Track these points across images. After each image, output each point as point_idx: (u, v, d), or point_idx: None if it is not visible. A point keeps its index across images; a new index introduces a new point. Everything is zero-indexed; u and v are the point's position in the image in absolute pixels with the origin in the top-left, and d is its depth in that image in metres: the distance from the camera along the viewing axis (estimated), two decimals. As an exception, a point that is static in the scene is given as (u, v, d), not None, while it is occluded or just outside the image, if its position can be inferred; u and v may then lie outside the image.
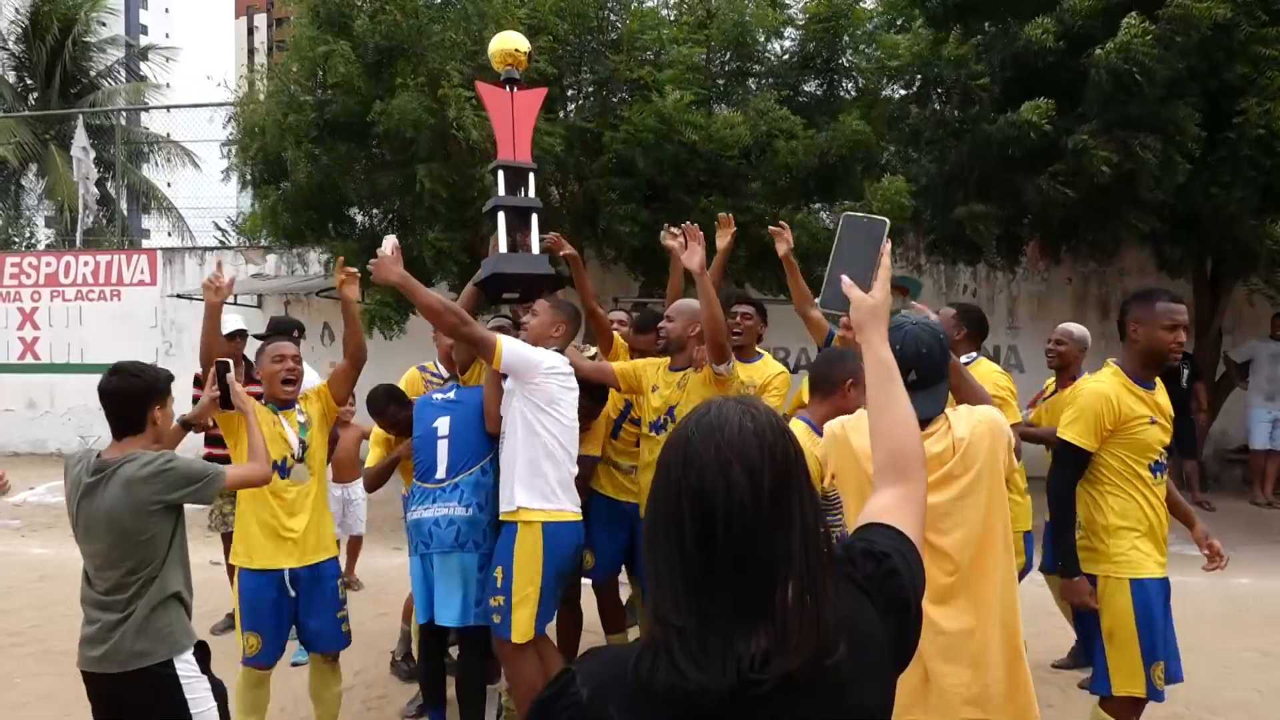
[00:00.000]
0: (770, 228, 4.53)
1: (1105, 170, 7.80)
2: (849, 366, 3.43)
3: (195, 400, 6.13)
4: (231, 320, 6.13)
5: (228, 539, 6.13)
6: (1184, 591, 2.60)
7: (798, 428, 3.36)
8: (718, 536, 1.15)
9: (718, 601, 1.14)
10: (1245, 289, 10.28)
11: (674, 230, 4.35)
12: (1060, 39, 8.07)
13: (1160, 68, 7.55)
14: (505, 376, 3.91)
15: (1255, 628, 5.67)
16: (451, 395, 4.29)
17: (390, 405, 4.65)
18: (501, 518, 3.90)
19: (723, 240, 4.60)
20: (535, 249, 4.34)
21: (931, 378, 2.61)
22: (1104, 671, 3.43)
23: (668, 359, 4.40)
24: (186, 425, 3.97)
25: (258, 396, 6.07)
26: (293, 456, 3.98)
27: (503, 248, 4.26)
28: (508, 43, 4.59)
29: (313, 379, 5.53)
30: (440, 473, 4.08)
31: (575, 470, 3.98)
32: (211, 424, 5.93)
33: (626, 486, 4.62)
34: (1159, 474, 3.51)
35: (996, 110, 8.37)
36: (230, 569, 6.13)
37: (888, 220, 1.70)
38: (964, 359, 4.64)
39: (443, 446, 4.10)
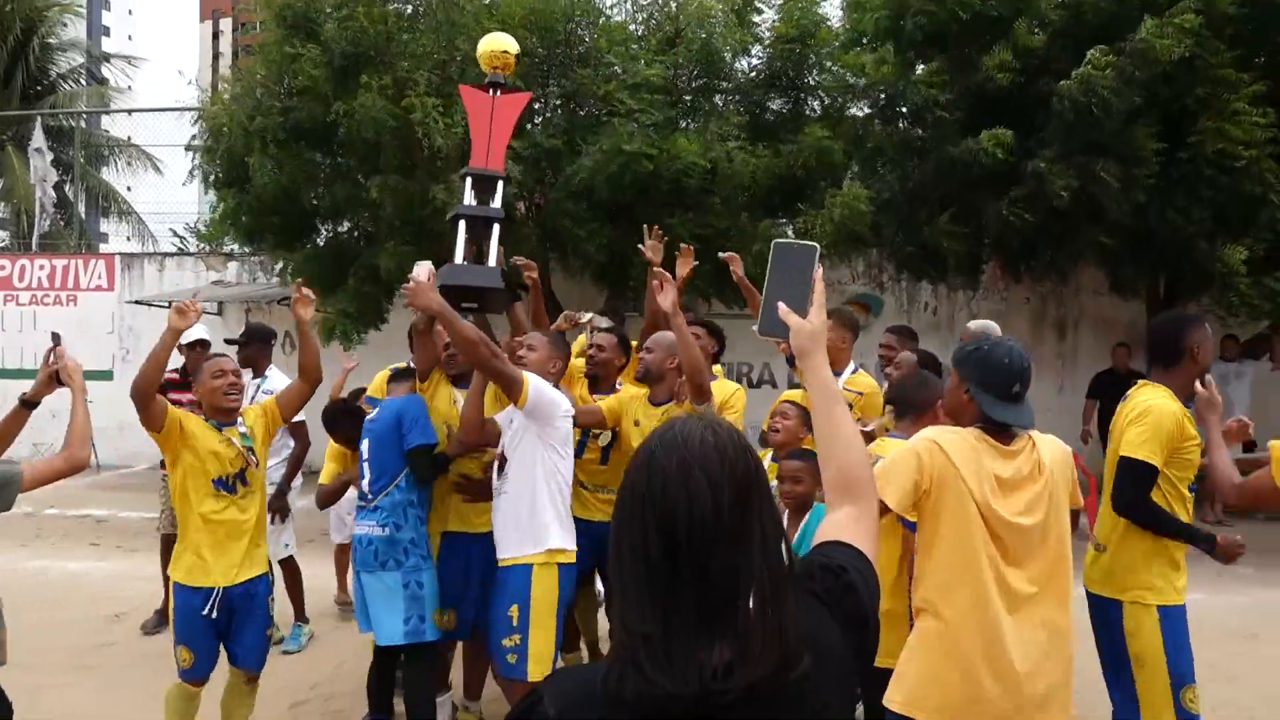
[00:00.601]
0: (721, 255, 4.56)
1: (1064, 195, 7.96)
2: (936, 388, 3.61)
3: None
4: (194, 330, 6.04)
5: (168, 541, 6.08)
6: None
7: (890, 446, 3.46)
8: (680, 547, 1.18)
9: (681, 611, 1.17)
10: (1198, 309, 10.49)
11: (652, 243, 4.40)
12: (1018, 72, 8.25)
13: (1119, 101, 7.73)
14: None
15: (1211, 640, 5.77)
16: (372, 414, 4.28)
17: (344, 420, 4.60)
18: (514, 560, 3.79)
19: (683, 269, 4.57)
20: (493, 260, 4.30)
21: (1025, 391, 2.83)
22: (1131, 699, 3.42)
23: (646, 391, 4.35)
24: (26, 404, 3.72)
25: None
26: (242, 474, 3.95)
27: (459, 258, 4.23)
28: (496, 44, 4.56)
29: (282, 383, 5.48)
30: (365, 492, 4.13)
31: None
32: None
33: (596, 505, 4.56)
34: (1193, 493, 3.54)
35: (959, 134, 8.50)
36: (167, 575, 6.09)
37: (817, 245, 1.71)
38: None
39: (365, 468, 4.15)
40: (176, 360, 6.12)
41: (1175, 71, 7.87)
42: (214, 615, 3.85)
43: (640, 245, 4.56)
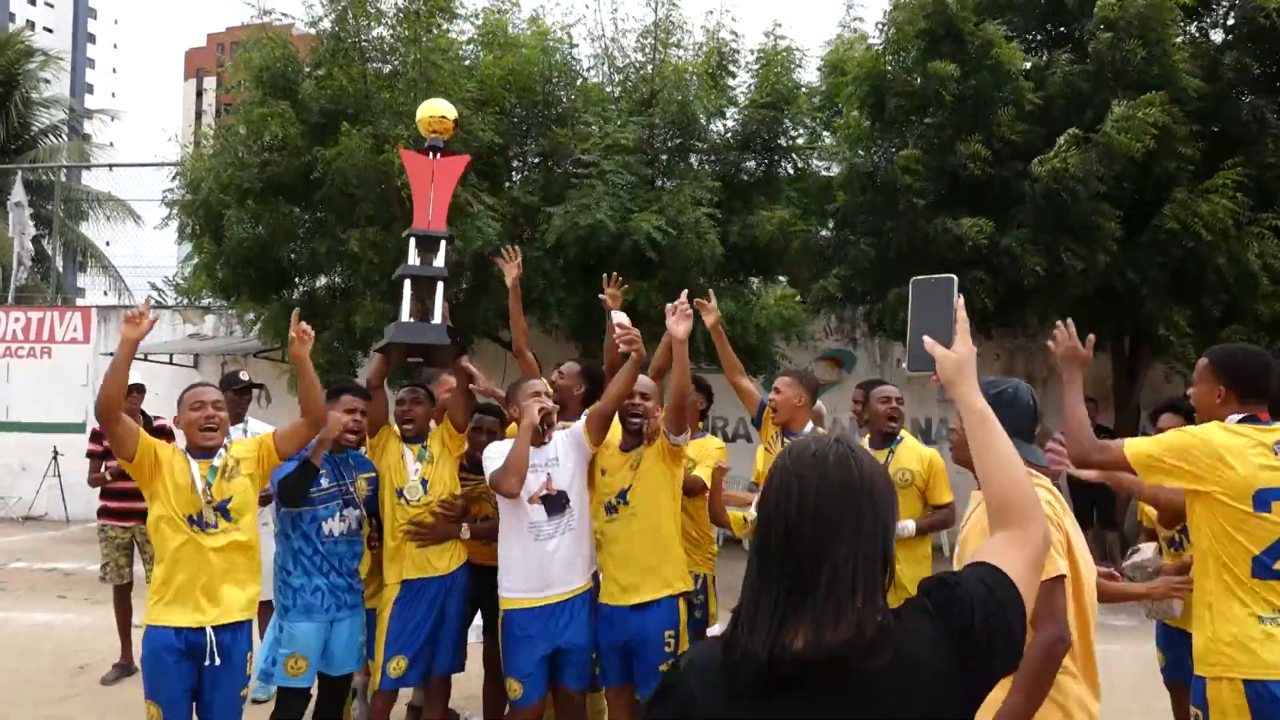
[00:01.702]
0: (696, 300, 4.62)
1: (1037, 272, 8.26)
2: None
3: (91, 455, 6.08)
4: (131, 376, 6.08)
5: (121, 592, 6.06)
6: (1103, 659, 2.69)
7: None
8: (778, 537, 1.41)
9: (770, 590, 1.38)
10: (1163, 366, 10.69)
11: (611, 291, 4.53)
12: (991, 160, 8.51)
13: (1086, 189, 8.04)
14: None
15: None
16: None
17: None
18: (579, 591, 3.99)
19: (709, 318, 4.51)
20: (438, 317, 4.46)
21: (1032, 432, 2.78)
22: None
23: (616, 438, 4.27)
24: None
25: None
26: (224, 509, 3.70)
27: (405, 316, 4.41)
28: (434, 109, 4.74)
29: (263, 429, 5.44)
30: None
31: None
32: (109, 478, 5.89)
33: None
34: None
35: (931, 212, 8.71)
36: (123, 622, 6.03)
37: (955, 277, 1.76)
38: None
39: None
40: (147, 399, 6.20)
41: (1141, 159, 8.18)
42: (183, 662, 3.58)
43: (601, 295, 4.62)
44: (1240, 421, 3.01)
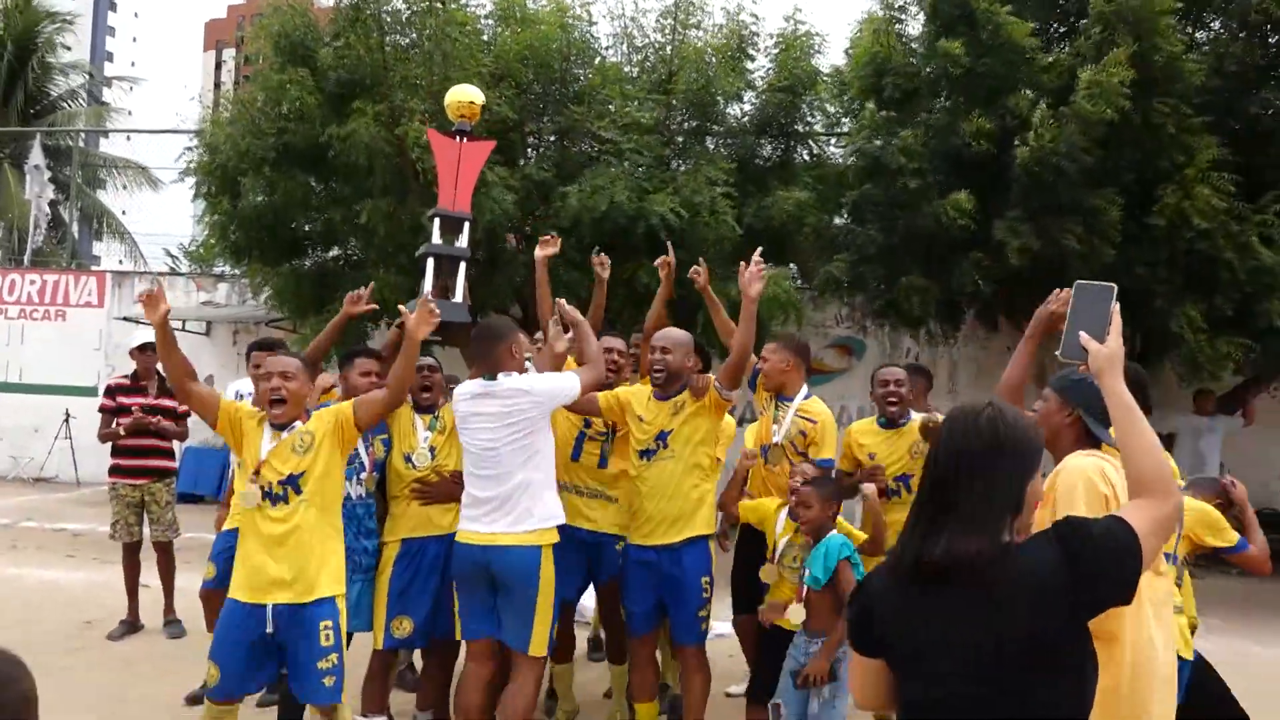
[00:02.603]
0: (692, 269, 4.68)
1: (1020, 256, 8.15)
2: None
3: (103, 411, 6.09)
4: (141, 334, 6.19)
5: (129, 549, 6.10)
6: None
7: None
8: (939, 470, 1.85)
9: (926, 510, 1.83)
10: (1174, 365, 10.64)
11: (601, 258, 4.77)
12: (993, 139, 8.47)
13: (1072, 165, 7.95)
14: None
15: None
16: None
17: None
18: (524, 541, 3.77)
19: (700, 280, 4.71)
20: (459, 296, 4.57)
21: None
22: None
23: (649, 389, 4.30)
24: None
25: (170, 414, 6.05)
26: (295, 482, 3.56)
27: (426, 293, 4.47)
28: (463, 95, 4.89)
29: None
30: None
31: None
32: (122, 433, 5.92)
33: (584, 513, 4.42)
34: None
35: (934, 195, 8.69)
36: (131, 580, 6.09)
37: (1114, 286, 2.07)
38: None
39: None
40: (130, 365, 6.24)
41: (1133, 136, 8.11)
42: (264, 634, 3.51)
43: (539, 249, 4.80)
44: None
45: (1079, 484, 2.68)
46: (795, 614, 3.89)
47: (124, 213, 22.78)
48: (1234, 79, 8.62)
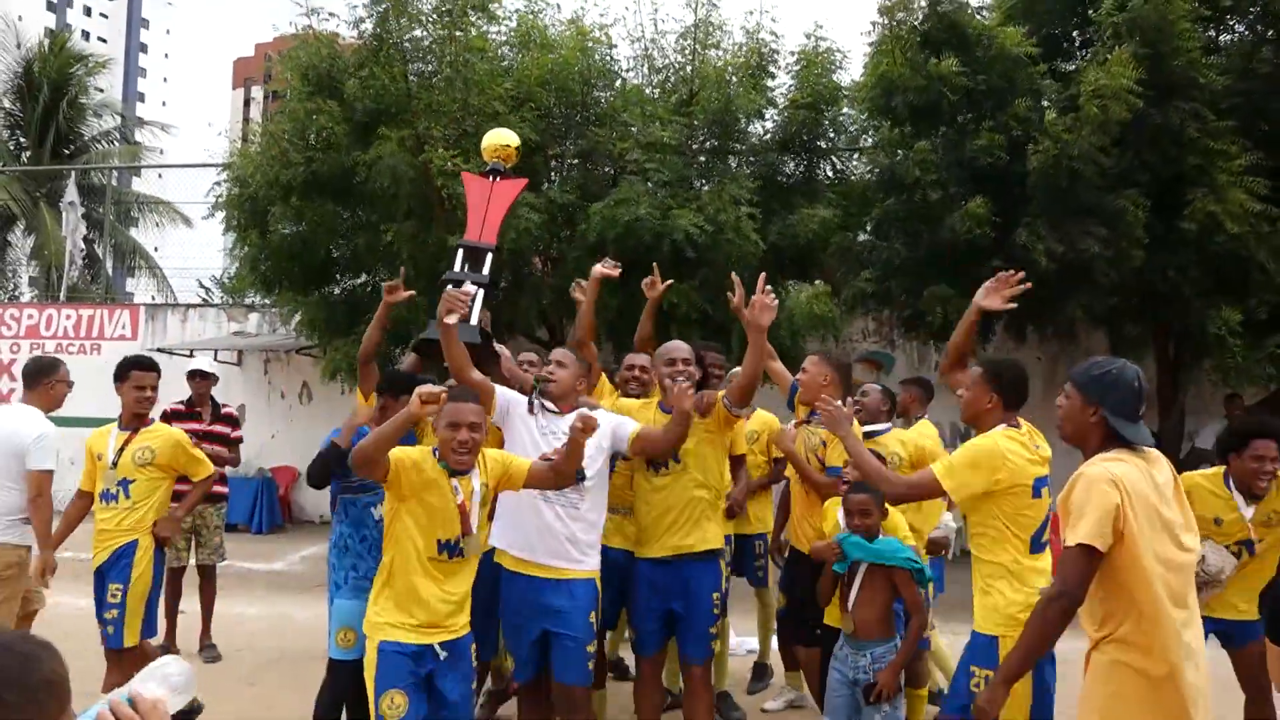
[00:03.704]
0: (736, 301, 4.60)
1: (1045, 262, 8.06)
2: None
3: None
4: (195, 361, 6.30)
5: (173, 574, 6.12)
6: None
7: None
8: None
9: None
10: (1202, 372, 10.47)
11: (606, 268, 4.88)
12: (1004, 149, 8.42)
13: (1087, 168, 7.90)
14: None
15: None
16: None
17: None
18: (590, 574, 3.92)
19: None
20: (475, 320, 4.70)
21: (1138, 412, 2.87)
22: None
23: (655, 400, 4.41)
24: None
25: (223, 440, 6.11)
26: (461, 536, 3.48)
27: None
28: (500, 139, 5.15)
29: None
30: None
31: None
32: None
33: (623, 530, 4.40)
34: None
35: (951, 206, 8.66)
36: (171, 606, 6.12)
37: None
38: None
39: None
40: (185, 391, 6.33)
41: (1154, 137, 8.06)
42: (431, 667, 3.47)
43: (599, 267, 4.99)
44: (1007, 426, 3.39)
45: (1091, 494, 2.65)
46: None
47: (155, 249, 23.08)
48: (1263, 81, 8.55)
